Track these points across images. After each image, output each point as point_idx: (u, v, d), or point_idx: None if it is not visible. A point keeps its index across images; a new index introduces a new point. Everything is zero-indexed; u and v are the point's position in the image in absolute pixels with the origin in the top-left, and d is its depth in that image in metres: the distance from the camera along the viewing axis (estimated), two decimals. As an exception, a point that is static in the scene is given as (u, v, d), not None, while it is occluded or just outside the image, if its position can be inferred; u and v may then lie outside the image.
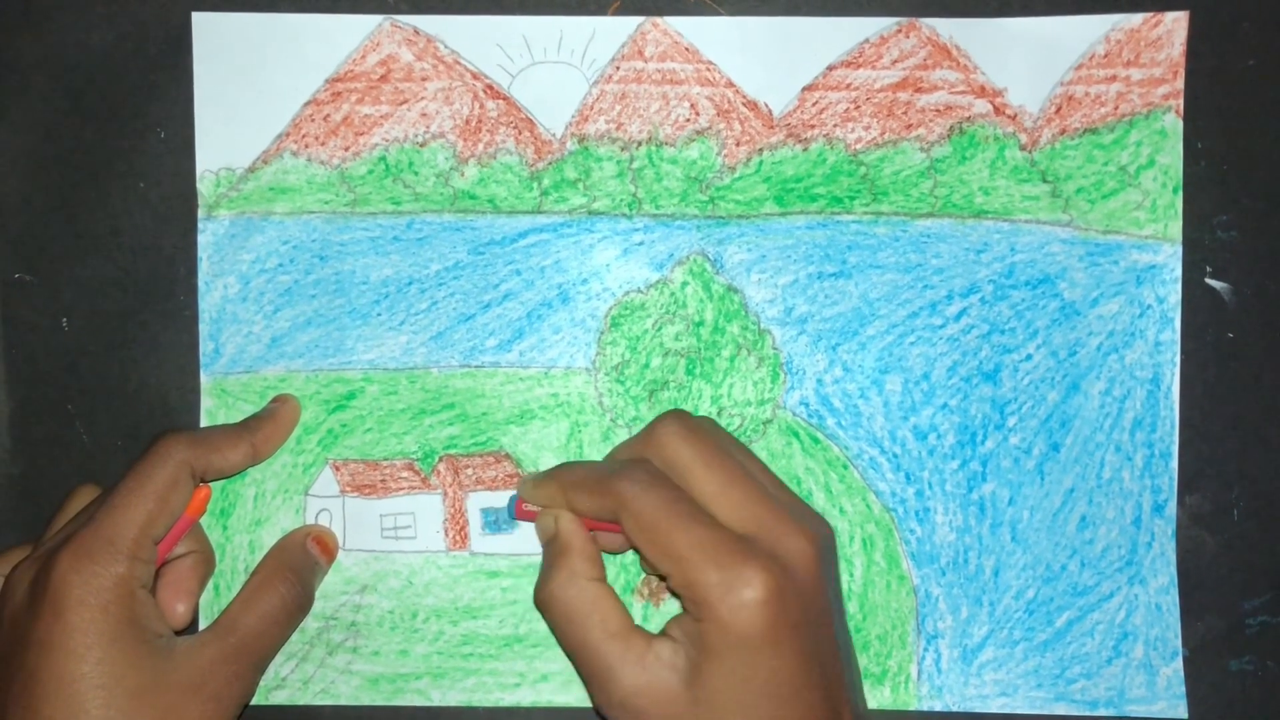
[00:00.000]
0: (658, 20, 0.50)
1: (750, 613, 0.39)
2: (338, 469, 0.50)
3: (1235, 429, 0.51)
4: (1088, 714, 0.50)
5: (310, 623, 0.50)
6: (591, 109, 0.51)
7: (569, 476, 0.45)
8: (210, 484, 0.47)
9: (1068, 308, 0.50)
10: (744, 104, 0.50)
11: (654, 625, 0.50)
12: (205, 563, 0.48)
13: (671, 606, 0.50)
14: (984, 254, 0.50)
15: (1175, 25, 0.50)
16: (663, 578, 0.41)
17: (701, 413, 0.50)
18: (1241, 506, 0.51)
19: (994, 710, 0.50)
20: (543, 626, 0.50)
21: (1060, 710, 0.50)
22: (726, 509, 0.41)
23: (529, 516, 0.46)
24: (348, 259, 0.51)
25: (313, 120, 0.51)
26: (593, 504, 0.43)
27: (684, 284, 0.51)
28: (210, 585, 0.50)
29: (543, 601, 0.44)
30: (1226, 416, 0.51)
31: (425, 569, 0.50)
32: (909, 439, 0.50)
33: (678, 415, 0.44)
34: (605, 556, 0.47)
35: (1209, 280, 0.51)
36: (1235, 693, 0.50)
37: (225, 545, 0.50)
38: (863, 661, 0.50)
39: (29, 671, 0.41)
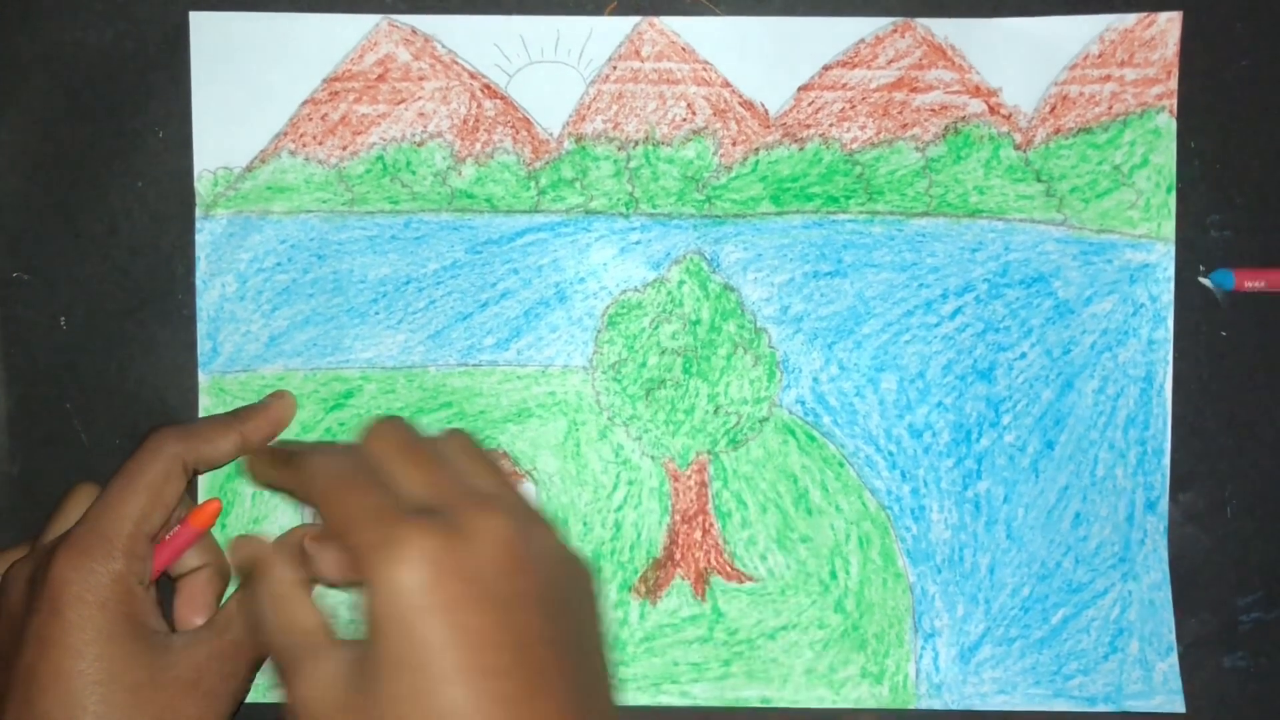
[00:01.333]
0: (654, 20, 0.51)
1: (402, 571, 0.34)
2: (335, 468, 0.50)
3: (1228, 427, 0.51)
4: (1088, 710, 0.50)
5: (308, 621, 0.50)
6: (588, 108, 0.51)
7: (259, 455, 0.43)
8: (219, 499, 0.48)
9: (1062, 306, 0.51)
10: (740, 104, 0.51)
11: (652, 621, 0.50)
12: (221, 576, 0.48)
13: (671, 603, 0.50)
14: (979, 253, 0.51)
15: (1169, 25, 0.50)
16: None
17: (698, 411, 0.51)
18: (1234, 504, 0.51)
19: (994, 708, 0.50)
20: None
21: (1060, 707, 0.50)
22: (414, 486, 0.38)
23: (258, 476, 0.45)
24: (345, 258, 0.51)
25: (310, 120, 0.51)
26: (282, 475, 0.41)
27: (681, 283, 0.51)
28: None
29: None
30: (1219, 415, 0.51)
31: (423, 567, 0.50)
32: (904, 437, 0.51)
33: (387, 417, 0.41)
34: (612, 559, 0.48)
35: (1202, 279, 0.51)
36: (1229, 689, 0.50)
37: (223, 544, 0.49)
38: (861, 660, 0.50)
39: (27, 668, 0.41)
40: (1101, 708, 0.50)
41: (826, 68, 0.51)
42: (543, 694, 0.35)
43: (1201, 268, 0.51)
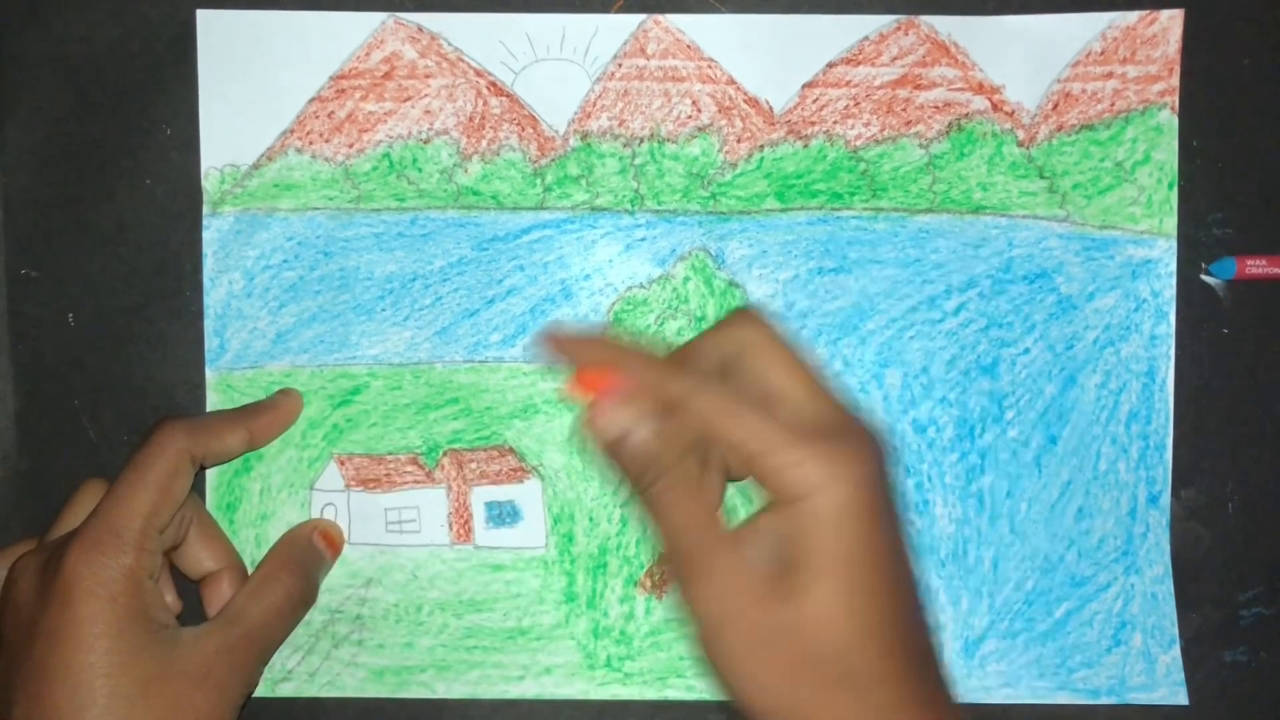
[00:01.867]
0: (660, 18, 0.51)
1: (840, 485, 0.36)
2: (343, 464, 0.51)
3: (1230, 423, 0.51)
4: (1090, 703, 0.50)
5: (316, 616, 0.50)
6: (594, 106, 0.51)
7: (638, 366, 0.40)
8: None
9: (1064, 302, 0.51)
10: (745, 101, 0.51)
11: (658, 616, 0.51)
12: (240, 576, 0.49)
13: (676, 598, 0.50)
14: (982, 249, 0.51)
15: (1171, 23, 0.51)
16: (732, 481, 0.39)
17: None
18: (1236, 500, 0.51)
19: (998, 701, 0.50)
20: (547, 619, 0.50)
21: (1063, 699, 0.50)
22: (797, 401, 0.39)
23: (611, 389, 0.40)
24: (352, 255, 0.51)
25: (317, 117, 0.51)
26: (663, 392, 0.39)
27: (686, 279, 0.51)
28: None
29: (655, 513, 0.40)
30: (1221, 411, 0.51)
31: (430, 563, 0.50)
32: (908, 432, 0.51)
33: (753, 309, 0.41)
34: (604, 558, 0.48)
35: (1204, 276, 0.51)
36: (1230, 684, 0.51)
37: (232, 539, 0.50)
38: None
39: (37, 661, 0.41)
40: (1105, 700, 0.50)
41: (830, 65, 0.51)
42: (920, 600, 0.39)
43: (1203, 265, 0.51)
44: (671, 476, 0.39)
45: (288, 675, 0.50)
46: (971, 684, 0.50)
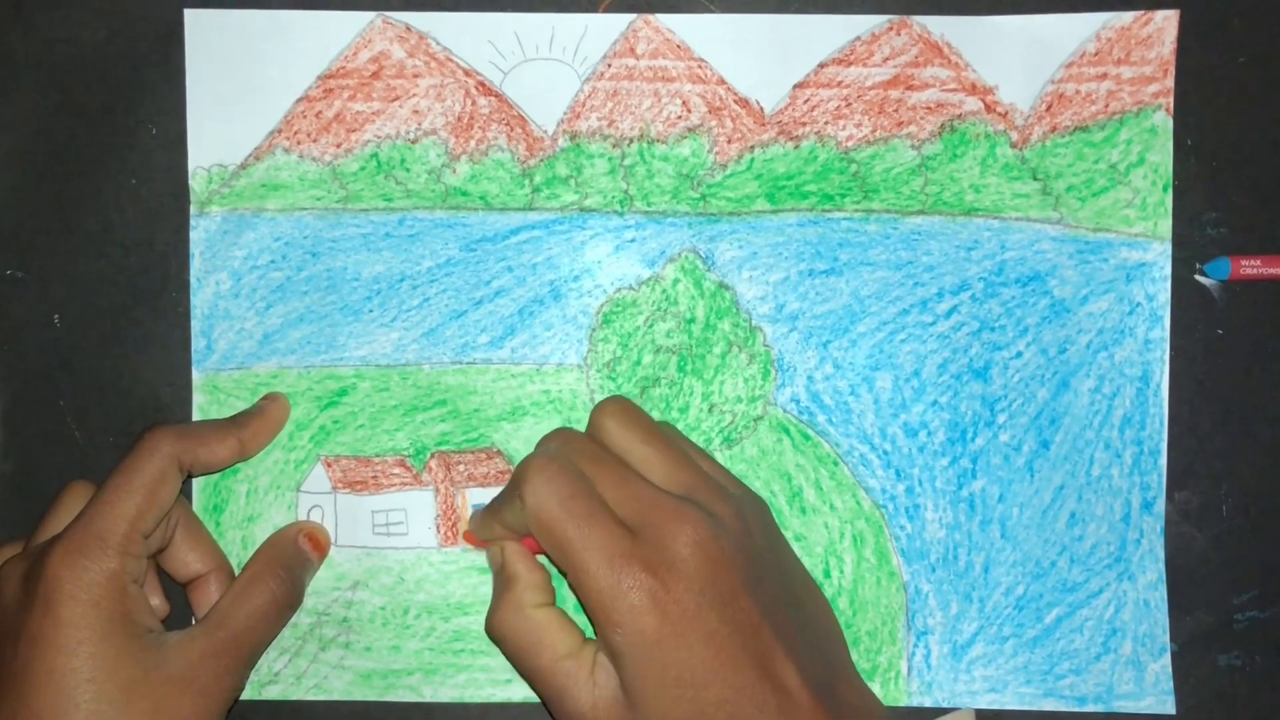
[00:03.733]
0: (649, 17, 0.50)
1: (640, 616, 0.40)
2: (329, 465, 0.50)
3: (1224, 425, 0.51)
4: (1076, 710, 0.50)
5: (303, 618, 0.50)
6: (583, 106, 0.51)
7: (495, 500, 0.46)
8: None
9: (1058, 305, 0.51)
10: (735, 101, 0.51)
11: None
12: (227, 578, 0.49)
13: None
14: (974, 251, 0.51)
15: (1166, 23, 0.50)
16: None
17: (693, 409, 0.51)
18: (1230, 503, 0.51)
19: (983, 706, 0.50)
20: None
21: (1049, 706, 0.50)
22: (614, 508, 0.42)
23: (480, 545, 0.48)
24: (339, 256, 0.51)
25: (304, 117, 0.51)
26: (514, 515, 0.44)
27: (675, 281, 0.51)
28: (202, 581, 0.50)
29: (493, 632, 0.45)
30: (1215, 413, 0.51)
31: (417, 565, 0.50)
32: (899, 436, 0.51)
33: (557, 434, 0.45)
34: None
35: (1198, 277, 0.51)
36: (1224, 687, 0.50)
37: (218, 541, 0.50)
38: (853, 657, 0.50)
39: (20, 666, 0.41)
40: (1091, 708, 0.50)
41: (822, 65, 0.50)
42: (775, 667, 0.41)
43: (1197, 265, 0.51)
44: (535, 600, 0.44)
45: (274, 678, 0.50)
46: (958, 688, 0.50)
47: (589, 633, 0.43)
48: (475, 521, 0.48)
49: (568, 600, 0.49)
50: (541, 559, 0.46)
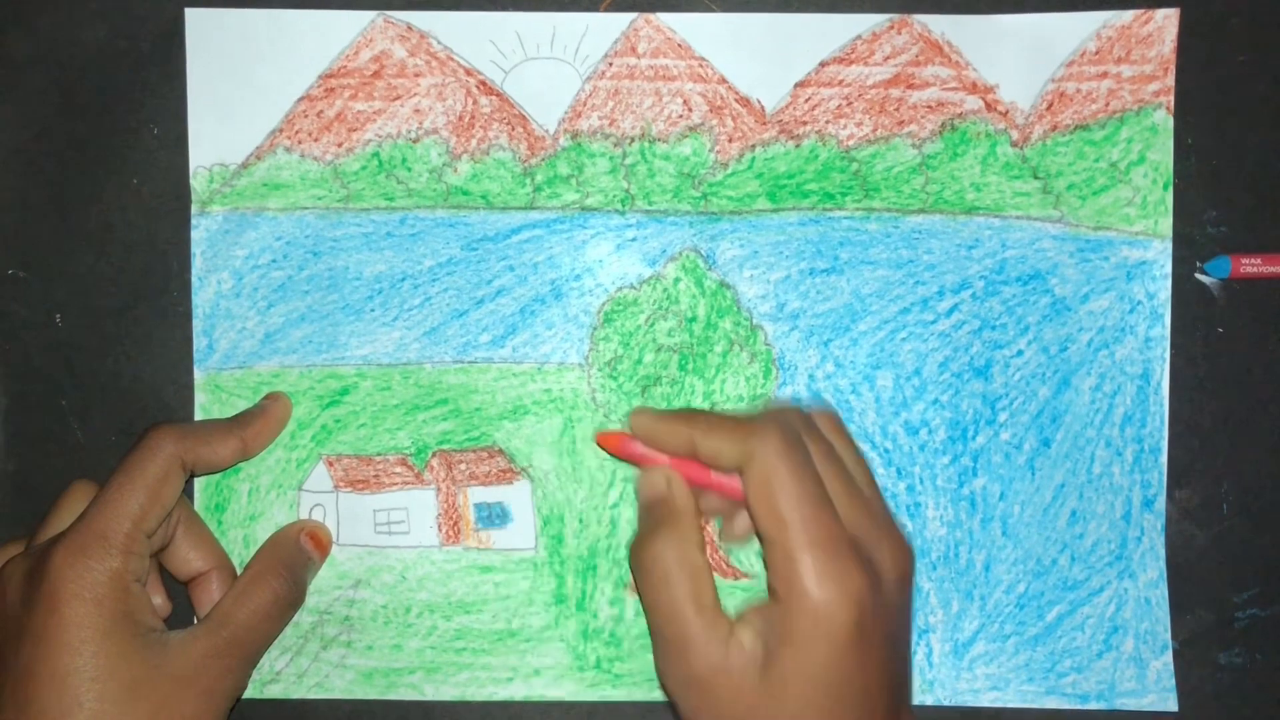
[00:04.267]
0: (650, 16, 0.50)
1: (838, 606, 0.39)
2: (331, 464, 0.50)
3: (1225, 424, 0.51)
4: (1078, 707, 0.50)
5: (304, 617, 0.50)
6: (584, 105, 0.51)
7: (701, 420, 0.43)
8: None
9: (1058, 304, 0.51)
10: (736, 100, 0.51)
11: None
12: (229, 577, 0.49)
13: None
14: (975, 250, 0.51)
15: (1166, 22, 0.50)
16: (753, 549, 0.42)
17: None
18: (1231, 501, 0.51)
19: (985, 704, 0.50)
20: (536, 621, 0.50)
21: (1051, 704, 0.50)
22: (841, 507, 0.41)
23: (630, 456, 0.45)
24: (341, 255, 0.51)
25: (306, 116, 0.51)
26: (726, 448, 0.42)
27: (676, 280, 0.51)
28: (204, 580, 0.50)
29: (645, 559, 0.43)
30: (1216, 411, 0.51)
31: (419, 564, 0.50)
32: (900, 434, 0.51)
33: (794, 411, 0.44)
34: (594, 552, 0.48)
35: (1199, 275, 0.51)
36: (1224, 686, 0.50)
37: (220, 540, 0.50)
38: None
39: (23, 665, 0.41)
40: (1093, 705, 0.50)
41: (823, 64, 0.51)
42: (901, 708, 0.42)
43: (1198, 263, 0.51)
44: (693, 546, 0.43)
45: (276, 677, 0.50)
46: (959, 686, 0.50)
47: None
48: (647, 423, 0.45)
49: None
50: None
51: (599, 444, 0.47)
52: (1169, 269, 0.50)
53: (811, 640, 0.39)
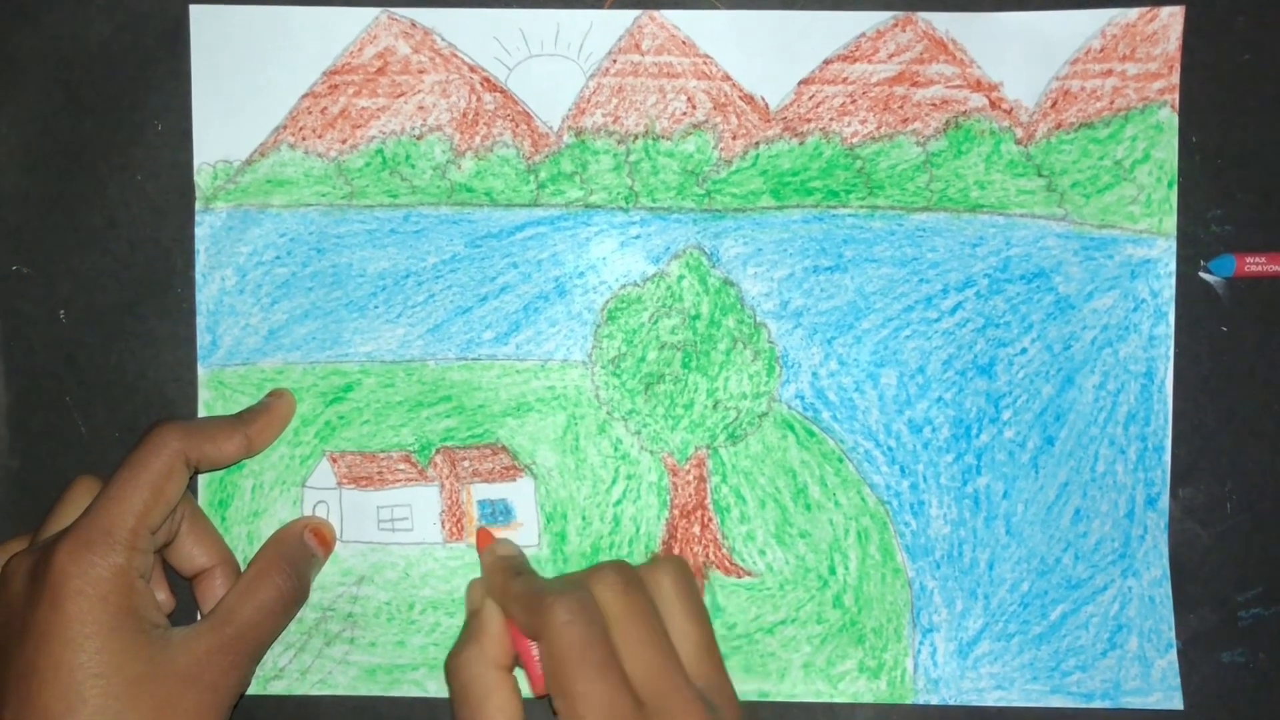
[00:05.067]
0: (654, 14, 0.50)
1: None
2: (335, 461, 0.50)
3: (1228, 422, 0.51)
4: (1084, 706, 0.50)
5: (308, 614, 0.50)
6: (588, 102, 0.51)
7: (513, 585, 0.44)
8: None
9: (1062, 302, 0.51)
10: (740, 97, 0.51)
11: (650, 617, 0.50)
12: (233, 573, 0.49)
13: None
14: (979, 248, 0.51)
15: (1171, 20, 0.50)
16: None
17: (697, 405, 0.51)
18: (1234, 500, 0.51)
19: (990, 704, 0.50)
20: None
21: (1056, 703, 0.50)
22: (634, 670, 0.41)
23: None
24: (345, 252, 0.51)
25: (310, 113, 0.51)
26: (522, 619, 0.43)
27: (680, 277, 0.51)
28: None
29: (448, 670, 0.44)
30: (1220, 410, 0.51)
31: (422, 560, 0.50)
32: (904, 432, 0.51)
33: (618, 565, 0.43)
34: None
35: (1203, 274, 0.51)
36: (1228, 685, 0.50)
37: (224, 537, 0.50)
38: (859, 655, 0.50)
39: (27, 661, 0.41)
40: (1098, 704, 0.50)
41: (827, 62, 0.50)
42: None
43: (1202, 262, 0.51)
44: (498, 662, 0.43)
45: (280, 673, 0.50)
46: (964, 686, 0.50)
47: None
48: (489, 560, 0.46)
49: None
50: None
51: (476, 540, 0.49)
52: (1173, 267, 0.50)
53: None
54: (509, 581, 0.44)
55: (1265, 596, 0.51)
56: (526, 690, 0.43)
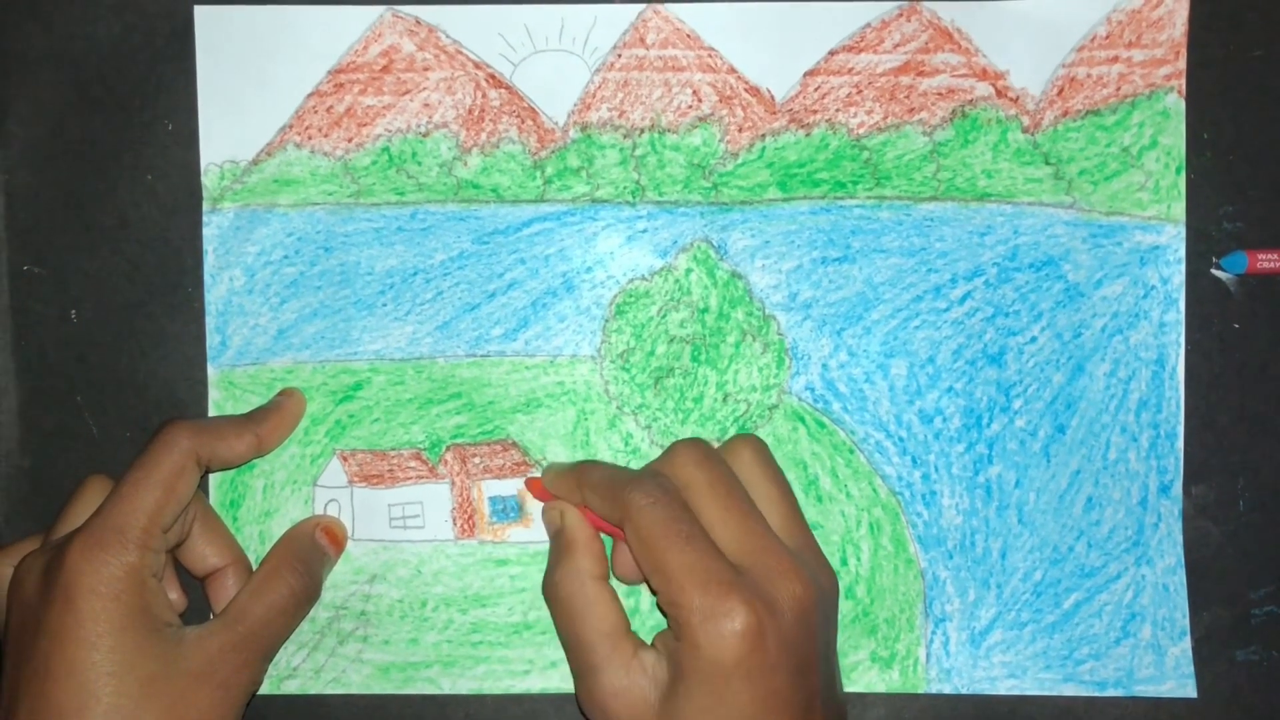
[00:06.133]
0: (659, 7, 0.50)
1: (725, 643, 0.40)
2: (345, 459, 0.50)
3: (1241, 420, 0.51)
4: (1097, 694, 0.50)
5: (320, 612, 0.50)
6: (594, 97, 0.51)
7: (589, 475, 0.45)
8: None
9: (1072, 290, 0.50)
10: (746, 90, 0.51)
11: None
12: (245, 572, 0.49)
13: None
14: (987, 237, 0.50)
15: (1176, 6, 0.50)
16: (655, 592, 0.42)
17: (707, 399, 0.50)
18: (1247, 497, 0.51)
19: (1003, 692, 0.50)
20: (551, 614, 0.50)
21: (1069, 691, 0.50)
22: (725, 538, 0.42)
23: (546, 499, 0.48)
24: (352, 250, 0.51)
25: (316, 112, 0.51)
26: (603, 507, 0.44)
27: (688, 271, 0.51)
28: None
29: (546, 589, 0.45)
30: (1232, 407, 0.51)
31: (434, 558, 0.50)
32: (915, 423, 0.51)
33: (695, 441, 0.45)
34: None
35: (1214, 270, 0.51)
36: (1241, 682, 0.50)
37: (235, 536, 0.50)
38: (871, 645, 0.50)
39: (40, 660, 0.41)
40: (1112, 692, 0.49)
41: (832, 52, 0.50)
42: None
43: (1214, 259, 0.51)
44: (590, 570, 0.44)
45: (292, 672, 0.50)
46: (977, 675, 0.50)
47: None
48: (551, 477, 0.47)
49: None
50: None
51: (527, 489, 0.49)
52: (1182, 253, 0.50)
53: (700, 677, 0.40)
54: (587, 473, 0.45)
55: (1278, 594, 0.50)
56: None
